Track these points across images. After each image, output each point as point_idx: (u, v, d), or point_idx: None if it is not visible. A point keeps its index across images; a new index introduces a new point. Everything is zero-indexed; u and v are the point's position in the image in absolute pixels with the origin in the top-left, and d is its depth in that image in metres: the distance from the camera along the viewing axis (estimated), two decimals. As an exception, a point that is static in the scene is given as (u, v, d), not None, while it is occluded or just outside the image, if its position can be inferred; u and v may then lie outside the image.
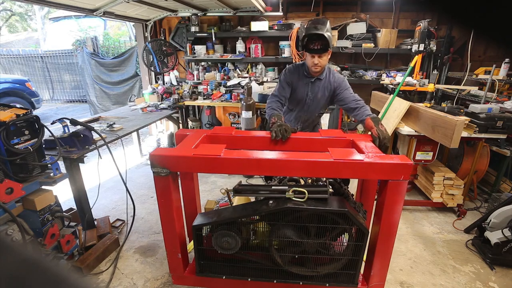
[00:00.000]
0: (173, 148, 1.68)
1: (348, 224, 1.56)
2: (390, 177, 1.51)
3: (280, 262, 1.68)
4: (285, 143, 1.94)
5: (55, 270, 0.25)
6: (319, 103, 2.32)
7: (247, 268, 1.76)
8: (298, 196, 1.55)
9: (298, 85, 2.25)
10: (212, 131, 2.01)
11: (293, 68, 2.27)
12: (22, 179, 1.78)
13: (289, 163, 1.52)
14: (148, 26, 4.97)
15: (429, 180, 3.05)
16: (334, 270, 1.70)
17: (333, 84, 2.25)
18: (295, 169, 1.55)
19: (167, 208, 1.69)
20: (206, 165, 1.58)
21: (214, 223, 1.65)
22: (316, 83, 2.25)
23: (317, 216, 1.56)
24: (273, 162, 1.53)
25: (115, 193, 3.40)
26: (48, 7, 9.97)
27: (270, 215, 1.58)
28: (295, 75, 2.24)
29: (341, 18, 4.64)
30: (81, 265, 2.12)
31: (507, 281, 2.13)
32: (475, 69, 3.82)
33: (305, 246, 1.64)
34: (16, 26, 17.20)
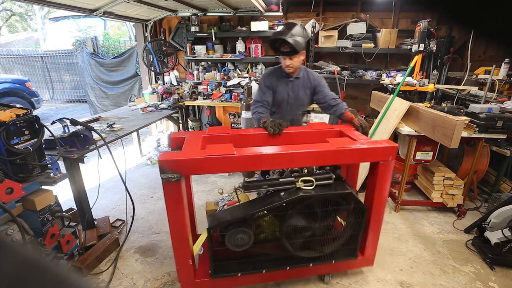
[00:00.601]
0: (180, 152, 1.63)
1: (351, 203, 1.77)
2: (382, 159, 1.77)
3: (291, 249, 1.80)
4: (281, 137, 2.03)
5: (55, 270, 0.25)
6: (301, 102, 2.40)
7: (260, 261, 1.85)
8: (307, 185, 1.70)
9: (278, 86, 2.32)
10: (209, 131, 2.01)
11: (270, 72, 2.38)
12: (22, 179, 1.78)
13: (300, 155, 1.64)
14: (148, 26, 4.97)
15: (429, 180, 3.05)
16: (338, 247, 1.90)
17: (313, 82, 2.38)
18: (305, 159, 1.68)
19: (178, 215, 1.62)
20: (220, 165, 1.59)
21: (231, 222, 1.67)
22: (295, 82, 2.35)
23: (325, 200, 1.73)
24: (285, 156, 1.64)
25: (115, 193, 3.40)
26: (48, 7, 9.96)
27: (282, 206, 1.67)
28: (273, 78, 2.33)
29: (341, 18, 4.64)
30: (81, 265, 2.12)
31: (507, 281, 2.13)
32: (475, 69, 3.82)
33: (313, 230, 1.80)
34: (16, 26, 17.19)
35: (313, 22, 4.37)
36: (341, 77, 4.35)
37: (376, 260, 2.33)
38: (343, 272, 2.20)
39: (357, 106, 5.06)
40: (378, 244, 2.52)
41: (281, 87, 2.33)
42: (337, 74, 4.37)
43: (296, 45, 2.08)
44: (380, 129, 3.12)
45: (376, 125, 3.18)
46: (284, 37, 2.04)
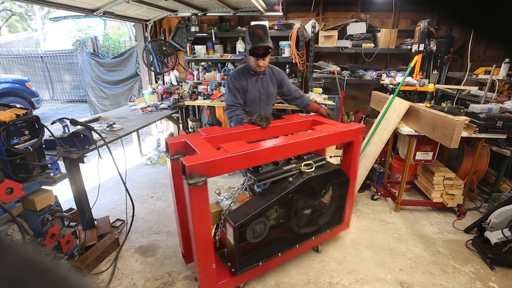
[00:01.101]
0: (200, 155, 1.60)
1: (340, 177, 2.16)
2: (356, 137, 2.21)
3: (297, 228, 2.04)
4: (268, 131, 2.21)
5: (55, 270, 0.25)
6: (271, 96, 2.54)
7: (274, 246, 2.00)
8: (308, 168, 1.99)
9: (248, 85, 2.40)
10: (205, 133, 2.01)
11: (237, 73, 2.41)
12: (22, 179, 1.78)
13: (305, 142, 1.90)
14: (148, 26, 4.97)
15: (429, 180, 3.05)
16: (329, 218, 2.26)
17: (278, 77, 2.54)
18: (309, 146, 1.96)
19: (205, 220, 1.60)
20: (243, 162, 1.66)
21: (256, 215, 1.75)
22: (264, 78, 2.46)
23: (324, 178, 2.04)
24: (294, 145, 1.86)
25: (115, 193, 3.40)
26: (48, 7, 9.96)
27: (292, 190, 1.87)
28: (242, 79, 2.38)
29: (341, 18, 4.64)
30: (81, 265, 2.12)
31: (507, 281, 2.13)
32: (475, 69, 3.82)
33: (314, 207, 2.08)
34: (16, 26, 17.19)
35: (313, 22, 4.37)
36: (341, 77, 4.35)
37: (376, 260, 2.33)
38: (343, 272, 2.20)
39: (357, 106, 5.06)
40: (378, 244, 2.53)
41: (252, 86, 2.40)
42: (337, 74, 4.37)
43: (271, 46, 2.25)
44: (380, 129, 3.12)
45: (376, 125, 3.18)
46: (267, 44, 2.21)
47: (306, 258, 2.34)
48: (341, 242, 2.55)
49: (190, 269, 2.23)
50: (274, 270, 2.22)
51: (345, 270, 2.23)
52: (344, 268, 2.25)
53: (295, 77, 4.76)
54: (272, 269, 2.22)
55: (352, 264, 2.29)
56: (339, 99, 4.23)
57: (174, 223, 2.78)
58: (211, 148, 1.71)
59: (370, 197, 3.29)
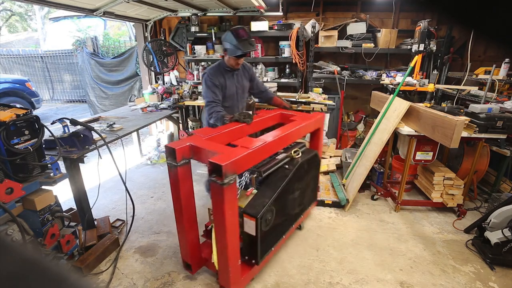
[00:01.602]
0: (225, 154, 1.60)
1: (316, 160, 2.53)
2: (321, 125, 2.66)
3: (292, 210, 2.28)
4: (252, 126, 2.39)
5: (55, 270, 0.25)
6: (246, 90, 2.74)
7: (278, 231, 2.14)
8: (296, 154, 2.24)
9: (226, 81, 2.54)
10: (202, 134, 2.04)
11: (213, 70, 2.52)
12: (22, 179, 1.78)
13: (296, 131, 2.24)
14: (148, 26, 4.97)
15: (429, 180, 3.05)
16: (310, 195, 2.59)
17: (249, 72, 2.74)
18: (298, 134, 2.32)
19: (234, 217, 1.62)
20: (260, 154, 1.81)
21: (271, 203, 1.86)
22: (238, 74, 2.64)
23: (309, 161, 2.34)
24: (289, 135, 2.14)
25: (115, 193, 3.40)
26: (48, 7, 9.96)
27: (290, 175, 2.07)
28: (219, 76, 2.51)
29: (341, 18, 4.64)
30: (81, 265, 2.12)
31: (507, 281, 2.13)
32: (475, 69, 3.82)
33: (302, 189, 2.33)
34: (16, 26, 17.19)
35: (313, 22, 4.37)
36: (341, 77, 4.35)
37: (376, 260, 2.33)
38: (343, 272, 2.20)
39: (357, 106, 5.06)
40: (378, 244, 2.54)
41: (229, 82, 2.56)
42: (337, 74, 4.37)
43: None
44: (380, 129, 3.12)
45: (376, 125, 3.18)
46: (255, 48, 2.45)
47: (306, 258, 2.34)
48: (341, 242, 2.55)
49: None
50: (274, 270, 2.22)
51: (345, 270, 2.23)
52: (344, 268, 2.25)
53: (295, 77, 4.76)
54: (272, 269, 2.22)
55: (352, 264, 2.29)
56: (339, 99, 4.23)
57: (174, 223, 2.78)
58: (227, 147, 1.76)
59: (370, 197, 3.29)
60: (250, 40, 2.34)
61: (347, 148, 3.98)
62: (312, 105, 3.85)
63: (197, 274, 2.18)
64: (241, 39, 2.29)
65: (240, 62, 2.48)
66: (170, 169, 1.80)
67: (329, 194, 3.21)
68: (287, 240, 2.54)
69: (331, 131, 4.32)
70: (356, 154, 3.35)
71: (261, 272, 2.19)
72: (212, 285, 2.09)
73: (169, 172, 1.82)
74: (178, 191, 1.83)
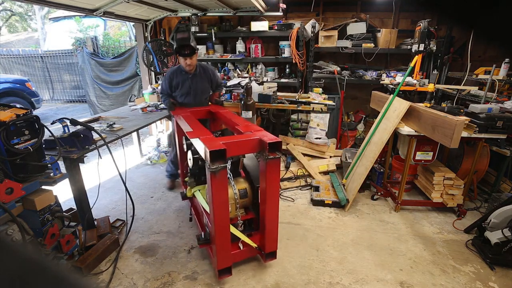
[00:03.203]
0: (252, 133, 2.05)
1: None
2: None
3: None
4: (195, 114, 2.79)
5: (55, 270, 0.25)
6: (203, 92, 3.10)
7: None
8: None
9: (180, 82, 2.99)
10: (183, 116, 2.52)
11: (171, 72, 3.01)
12: (22, 179, 1.78)
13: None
14: (148, 26, 4.97)
15: (429, 180, 3.05)
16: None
17: (210, 74, 3.10)
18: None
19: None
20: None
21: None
22: (195, 78, 3.00)
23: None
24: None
25: (115, 193, 3.40)
26: (48, 7, 9.96)
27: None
28: (176, 76, 2.98)
29: (341, 18, 4.64)
30: (81, 265, 2.12)
31: (507, 281, 2.13)
32: (475, 69, 3.82)
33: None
34: (16, 26, 17.20)
35: (313, 22, 4.37)
36: (341, 77, 4.35)
37: (376, 260, 2.33)
38: (343, 272, 2.20)
39: (357, 106, 5.06)
40: (378, 244, 2.54)
41: (183, 83, 2.99)
42: (337, 74, 4.37)
43: (195, 47, 2.79)
44: (380, 129, 3.12)
45: (376, 125, 3.18)
46: (189, 43, 2.70)
47: (306, 258, 2.34)
48: (341, 242, 2.55)
49: (190, 269, 2.23)
50: (274, 270, 2.22)
51: (345, 270, 2.23)
52: (344, 268, 2.25)
53: (295, 77, 4.76)
54: (272, 269, 2.22)
55: (352, 264, 2.29)
56: (339, 99, 4.23)
57: (174, 223, 2.80)
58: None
59: (370, 197, 3.29)
60: (185, 38, 2.70)
61: (347, 148, 3.98)
62: (312, 105, 3.85)
63: (197, 274, 2.18)
64: (178, 38, 2.74)
65: (188, 62, 2.81)
66: (216, 173, 1.72)
67: (329, 194, 3.21)
68: (287, 240, 2.55)
69: (331, 131, 4.32)
70: (356, 154, 3.35)
71: (261, 272, 2.20)
72: (212, 285, 2.09)
73: (214, 178, 1.72)
74: (225, 194, 1.83)
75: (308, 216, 2.94)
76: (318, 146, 3.96)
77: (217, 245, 1.93)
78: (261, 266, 2.26)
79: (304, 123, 4.17)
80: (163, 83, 3.08)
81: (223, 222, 1.89)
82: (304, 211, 3.04)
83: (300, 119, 4.19)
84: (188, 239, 2.56)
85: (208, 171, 1.72)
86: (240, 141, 1.92)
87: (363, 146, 3.24)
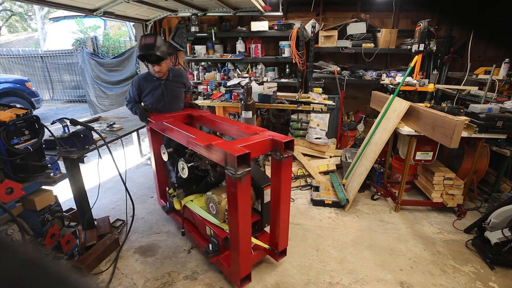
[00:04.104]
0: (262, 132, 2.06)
1: None
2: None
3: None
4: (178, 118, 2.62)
5: (55, 270, 0.25)
6: (177, 97, 2.82)
7: None
8: None
9: (151, 89, 2.68)
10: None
11: (139, 78, 2.71)
12: (22, 179, 1.78)
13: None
14: (148, 26, 4.97)
15: (429, 180, 3.05)
16: None
17: (184, 78, 2.87)
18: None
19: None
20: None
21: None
22: (168, 84, 2.71)
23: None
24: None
25: (115, 193, 3.40)
26: (48, 7, 9.96)
27: None
28: (143, 83, 2.68)
29: (341, 18, 4.64)
30: (81, 265, 2.12)
31: (507, 281, 2.13)
32: (475, 69, 3.82)
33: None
34: (16, 26, 17.20)
35: (313, 22, 4.37)
36: (341, 77, 4.35)
37: (376, 260, 2.33)
38: (343, 272, 2.20)
39: (357, 106, 5.06)
40: (378, 244, 2.54)
41: (154, 90, 2.68)
42: (337, 74, 4.37)
43: (163, 55, 2.45)
44: (380, 129, 3.12)
45: (376, 125, 3.18)
46: (153, 51, 2.38)
47: (306, 258, 2.34)
48: (341, 242, 2.55)
49: (190, 269, 2.23)
50: (274, 270, 2.22)
51: (345, 270, 2.23)
52: (344, 268, 2.25)
53: (295, 77, 4.76)
54: (272, 269, 2.22)
55: (352, 264, 2.29)
56: (339, 99, 4.23)
57: (174, 223, 2.79)
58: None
59: (370, 197, 3.29)
60: (150, 44, 2.38)
61: (347, 148, 3.98)
62: (312, 105, 3.85)
63: (197, 274, 2.18)
64: (143, 44, 2.42)
65: (156, 69, 2.54)
66: (242, 179, 1.64)
67: (329, 194, 3.21)
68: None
69: (331, 131, 4.32)
70: (356, 154, 3.35)
71: (261, 272, 2.19)
72: (212, 285, 2.09)
73: (240, 184, 1.64)
74: (249, 200, 1.80)
75: (308, 216, 2.94)
76: (318, 146, 3.96)
77: (241, 253, 1.83)
78: (261, 266, 2.26)
79: (304, 123, 4.16)
80: (130, 91, 2.76)
81: (247, 229, 1.84)
82: (304, 211, 3.04)
83: (300, 119, 4.19)
84: (188, 239, 2.56)
85: (233, 178, 1.61)
86: (256, 143, 1.85)
87: (363, 146, 3.24)
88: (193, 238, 2.43)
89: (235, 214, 1.75)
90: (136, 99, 2.74)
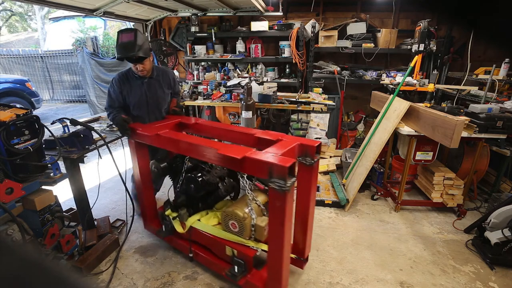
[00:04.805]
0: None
1: None
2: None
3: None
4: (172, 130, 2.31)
5: (55, 270, 0.25)
6: (162, 99, 2.47)
7: None
8: None
9: (131, 89, 2.36)
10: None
11: (119, 77, 2.37)
12: (22, 179, 1.78)
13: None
14: (148, 26, 4.97)
15: (429, 180, 3.05)
16: None
17: (171, 79, 2.52)
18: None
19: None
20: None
21: None
22: (152, 82, 2.40)
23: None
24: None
25: (115, 193, 3.40)
26: (48, 7, 9.96)
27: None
28: (124, 83, 2.35)
29: (341, 18, 4.64)
30: (81, 265, 2.12)
31: (507, 281, 2.13)
32: (475, 69, 3.82)
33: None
34: (16, 26, 17.20)
35: (313, 22, 4.37)
36: (341, 77, 4.35)
37: (376, 260, 2.33)
38: (343, 272, 2.20)
39: (357, 106, 5.06)
40: (378, 244, 2.53)
41: (136, 89, 2.37)
42: (337, 74, 4.37)
43: (145, 55, 2.19)
44: (380, 129, 3.12)
45: (376, 125, 3.19)
46: (135, 53, 2.12)
47: (306, 258, 2.34)
48: (341, 242, 2.55)
49: (190, 269, 2.23)
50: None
51: (345, 270, 2.23)
52: (344, 268, 2.25)
53: (295, 77, 4.76)
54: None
55: (352, 264, 2.29)
56: (339, 99, 4.23)
57: (174, 223, 2.78)
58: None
59: (370, 197, 3.29)
60: (128, 44, 2.09)
61: (347, 148, 3.98)
62: (312, 105, 3.85)
63: (197, 274, 2.18)
64: (120, 43, 2.13)
65: (139, 68, 2.25)
66: (290, 191, 1.49)
67: (329, 194, 3.21)
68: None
69: (331, 131, 4.32)
70: (356, 154, 3.35)
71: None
72: (212, 285, 2.09)
73: (289, 196, 1.50)
74: (292, 211, 1.66)
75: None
76: (318, 146, 3.95)
77: (284, 270, 1.71)
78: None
79: (304, 123, 4.17)
80: (111, 92, 2.36)
81: (289, 244, 1.76)
82: (304, 211, 3.04)
83: (300, 119, 4.19)
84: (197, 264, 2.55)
85: (280, 191, 1.46)
86: (289, 150, 1.71)
87: (363, 146, 3.24)
88: (206, 262, 2.18)
89: (280, 230, 1.58)
90: (120, 101, 2.38)
